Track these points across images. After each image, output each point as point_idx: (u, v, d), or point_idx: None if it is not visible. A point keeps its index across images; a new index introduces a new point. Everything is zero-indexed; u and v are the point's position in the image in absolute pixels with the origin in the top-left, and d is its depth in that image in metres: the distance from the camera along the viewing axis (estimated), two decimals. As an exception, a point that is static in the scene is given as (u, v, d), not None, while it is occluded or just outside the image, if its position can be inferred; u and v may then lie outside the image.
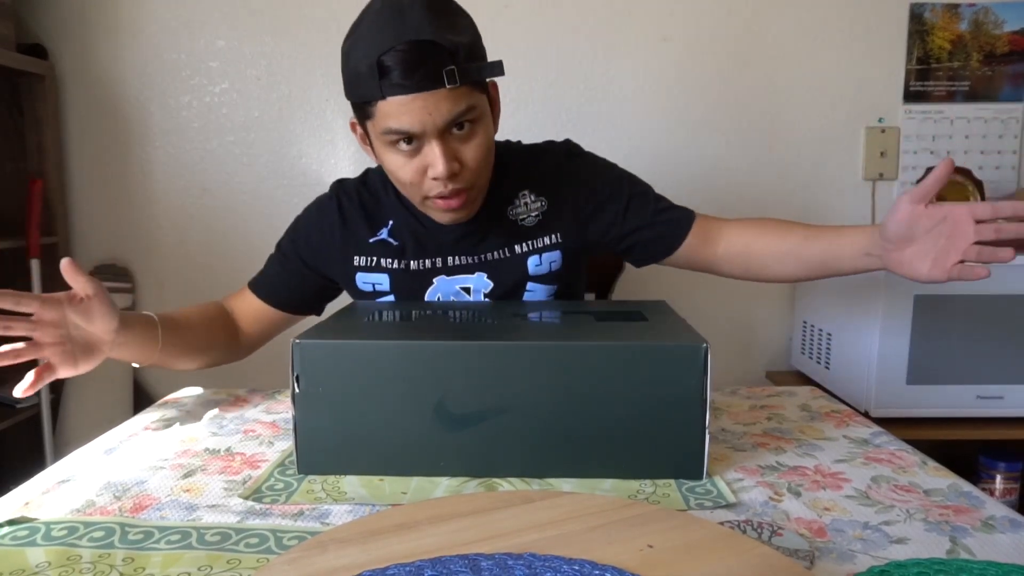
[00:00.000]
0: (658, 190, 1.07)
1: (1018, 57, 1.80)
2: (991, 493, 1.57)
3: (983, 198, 1.70)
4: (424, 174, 0.88)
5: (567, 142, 1.07)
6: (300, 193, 1.83)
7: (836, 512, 0.65)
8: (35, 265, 1.69)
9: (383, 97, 0.82)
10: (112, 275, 1.83)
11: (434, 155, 0.85)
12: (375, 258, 1.02)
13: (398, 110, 0.82)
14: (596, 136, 1.81)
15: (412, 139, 0.85)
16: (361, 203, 1.03)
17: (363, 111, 0.87)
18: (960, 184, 1.71)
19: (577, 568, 0.49)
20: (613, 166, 1.07)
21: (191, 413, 0.96)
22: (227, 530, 0.62)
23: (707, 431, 0.70)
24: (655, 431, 0.70)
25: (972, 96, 1.81)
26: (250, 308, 1.06)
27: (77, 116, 1.83)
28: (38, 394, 1.73)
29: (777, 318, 1.89)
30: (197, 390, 1.07)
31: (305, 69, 1.80)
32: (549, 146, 1.07)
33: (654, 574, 0.49)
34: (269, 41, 1.80)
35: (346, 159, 1.83)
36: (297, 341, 0.71)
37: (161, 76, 1.81)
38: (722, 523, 0.59)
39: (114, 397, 1.81)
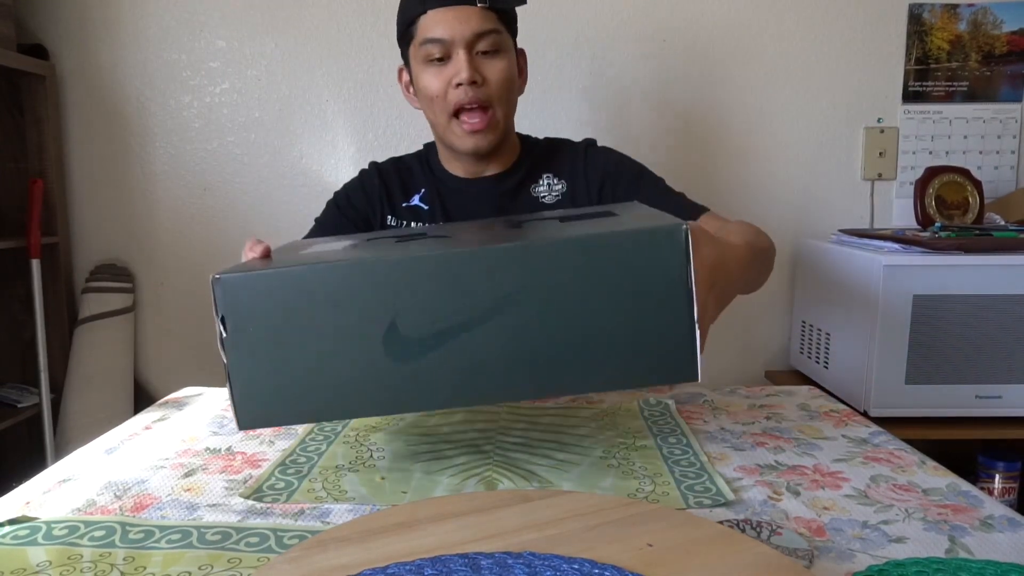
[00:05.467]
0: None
1: (1017, 57, 1.80)
2: (990, 493, 1.57)
3: (982, 198, 1.71)
4: (450, 84, 1.00)
5: (587, 139, 1.19)
6: (300, 193, 1.83)
7: (835, 511, 0.65)
8: (35, 265, 1.69)
9: (424, 11, 0.99)
10: (112, 275, 1.83)
11: (460, 63, 0.99)
12: (405, 221, 1.14)
13: (434, 20, 0.99)
14: (594, 136, 1.81)
15: (444, 53, 1.00)
16: (397, 171, 1.17)
17: (408, 36, 1.03)
18: (959, 184, 1.71)
19: (577, 567, 0.49)
20: (628, 158, 1.17)
21: (191, 413, 0.96)
22: (228, 529, 0.62)
23: (696, 323, 0.61)
24: (639, 330, 0.61)
25: (971, 96, 1.82)
26: None
27: (77, 116, 1.83)
28: (38, 394, 1.73)
29: (776, 318, 1.89)
30: (197, 390, 1.07)
31: (305, 69, 1.80)
32: (570, 141, 1.20)
33: (654, 573, 0.49)
34: (269, 41, 1.80)
35: (346, 159, 1.83)
36: (217, 276, 0.61)
37: (161, 76, 1.81)
38: (721, 522, 0.59)
39: (114, 397, 1.81)
